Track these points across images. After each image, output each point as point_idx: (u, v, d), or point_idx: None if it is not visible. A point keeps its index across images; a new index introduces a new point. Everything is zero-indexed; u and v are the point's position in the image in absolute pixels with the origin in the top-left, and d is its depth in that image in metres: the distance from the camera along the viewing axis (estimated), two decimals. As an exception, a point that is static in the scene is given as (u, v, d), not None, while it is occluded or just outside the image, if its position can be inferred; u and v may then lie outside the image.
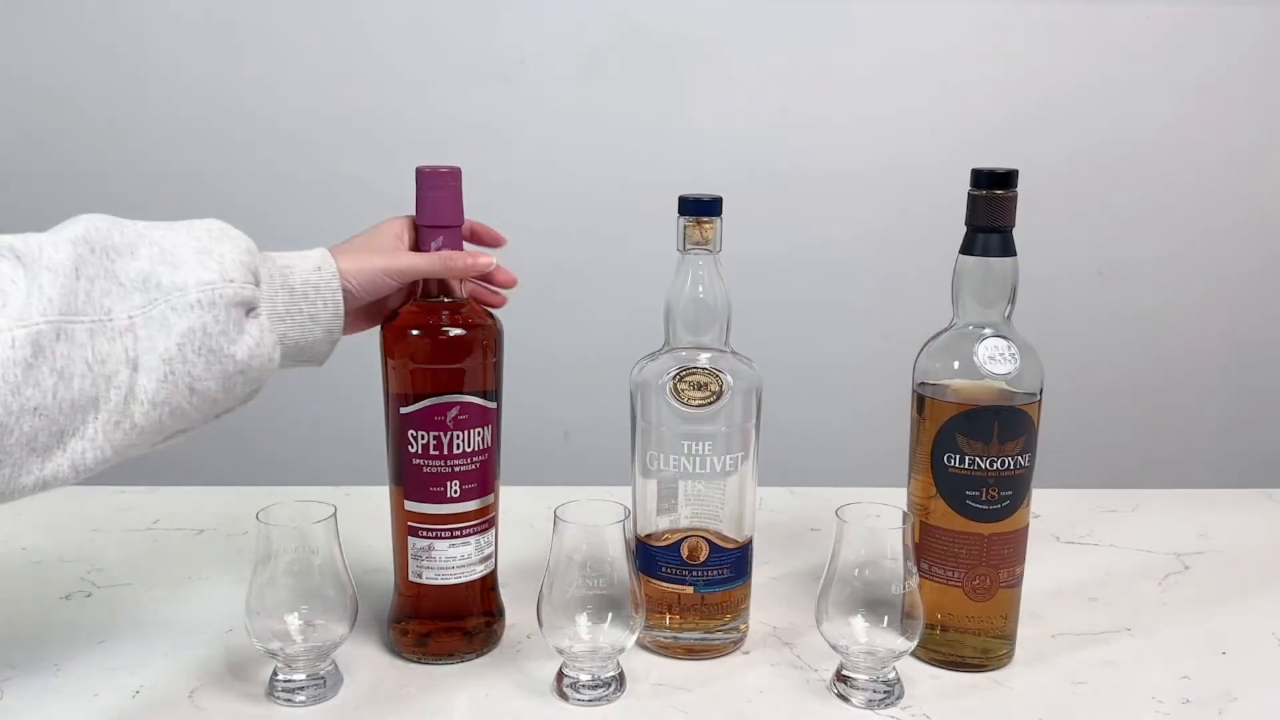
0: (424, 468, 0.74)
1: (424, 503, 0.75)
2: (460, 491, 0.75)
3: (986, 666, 0.77)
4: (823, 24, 1.60)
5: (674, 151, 1.58)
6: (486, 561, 0.78)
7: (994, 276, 0.73)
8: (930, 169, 1.54)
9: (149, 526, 1.02)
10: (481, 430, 0.75)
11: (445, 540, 0.76)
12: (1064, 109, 1.63)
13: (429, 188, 0.74)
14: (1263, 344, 1.75)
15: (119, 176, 1.56)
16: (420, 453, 0.74)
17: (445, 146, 1.53)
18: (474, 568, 0.77)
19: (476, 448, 0.75)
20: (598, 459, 1.21)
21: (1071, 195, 1.65)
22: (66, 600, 0.87)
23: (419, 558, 0.76)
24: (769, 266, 1.65)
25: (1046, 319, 1.61)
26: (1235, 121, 1.66)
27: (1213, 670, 0.78)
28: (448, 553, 0.76)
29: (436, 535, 0.75)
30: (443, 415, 0.73)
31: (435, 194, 0.74)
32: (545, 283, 1.54)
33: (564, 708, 0.71)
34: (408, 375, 0.74)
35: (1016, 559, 0.76)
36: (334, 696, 0.72)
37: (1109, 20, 1.60)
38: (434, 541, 0.75)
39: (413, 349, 0.74)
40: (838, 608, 0.71)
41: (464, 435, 0.74)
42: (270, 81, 1.56)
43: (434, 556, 0.76)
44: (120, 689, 0.73)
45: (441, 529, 0.75)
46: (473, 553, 0.76)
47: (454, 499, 0.75)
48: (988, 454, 0.72)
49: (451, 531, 0.75)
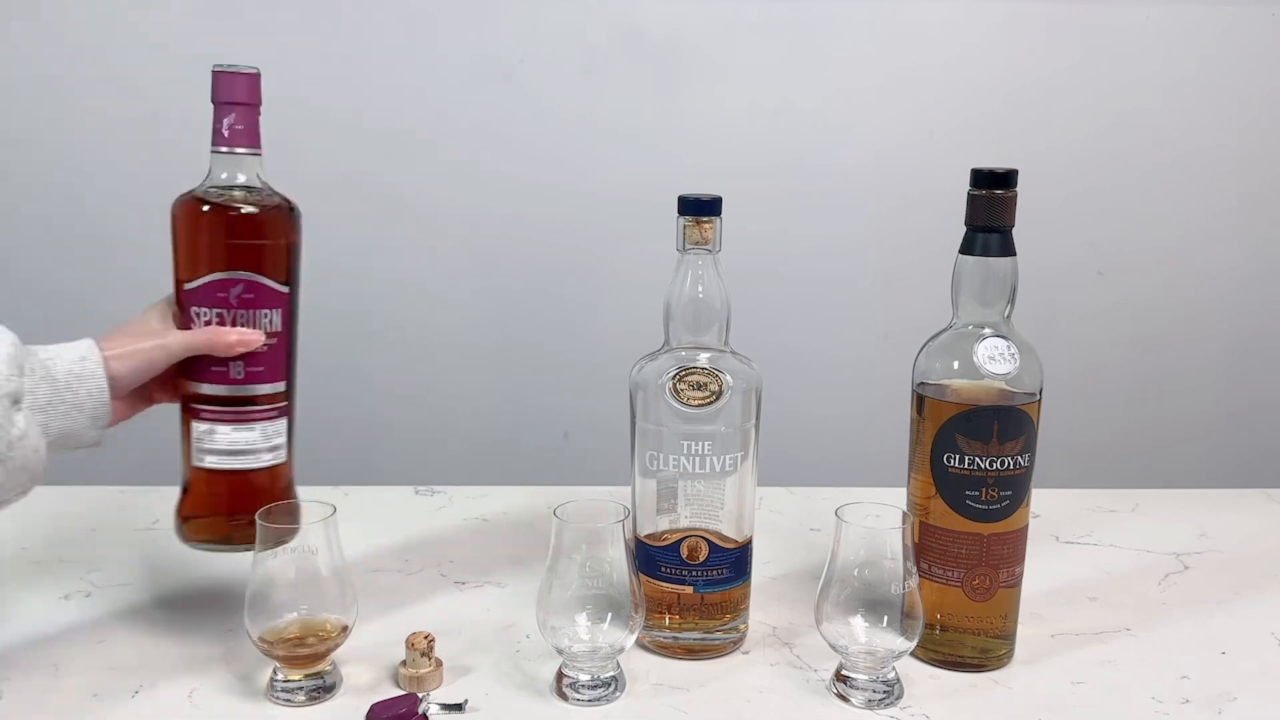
0: None
1: (204, 383, 0.74)
2: (244, 374, 0.74)
3: (986, 666, 0.77)
4: (822, 24, 1.60)
5: (674, 151, 1.58)
6: (275, 451, 0.76)
7: (994, 276, 0.73)
8: (930, 169, 1.54)
9: (149, 526, 1.02)
10: (270, 313, 0.74)
11: (228, 424, 0.74)
12: (1064, 109, 1.63)
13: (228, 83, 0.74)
14: (1263, 343, 1.75)
15: (114, 175, 1.56)
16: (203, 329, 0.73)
17: (445, 146, 1.53)
18: (260, 455, 0.75)
19: (265, 329, 0.74)
20: (598, 459, 1.21)
21: (1071, 195, 1.65)
22: (66, 600, 0.87)
23: (200, 440, 0.75)
24: (769, 266, 1.65)
25: (1046, 319, 1.61)
26: (1235, 121, 1.66)
27: (1213, 670, 0.78)
28: (231, 436, 0.74)
29: (219, 419, 0.74)
30: (225, 292, 0.73)
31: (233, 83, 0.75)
32: (545, 283, 1.54)
33: (564, 708, 0.71)
34: (191, 251, 0.73)
35: (1016, 559, 0.76)
36: (332, 696, 0.72)
37: (1109, 20, 1.60)
38: (215, 425, 0.74)
39: (198, 221, 0.73)
40: (837, 608, 0.71)
41: (249, 315, 0.73)
42: (268, 81, 1.55)
43: (215, 440, 0.75)
44: (120, 689, 0.73)
45: (224, 411, 0.74)
46: (258, 439, 0.75)
47: (237, 380, 0.74)
48: (987, 454, 0.72)
49: (236, 415, 0.74)
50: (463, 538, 0.85)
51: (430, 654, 0.73)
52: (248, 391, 0.74)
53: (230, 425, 0.74)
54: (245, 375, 0.74)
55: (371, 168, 1.52)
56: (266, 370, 0.75)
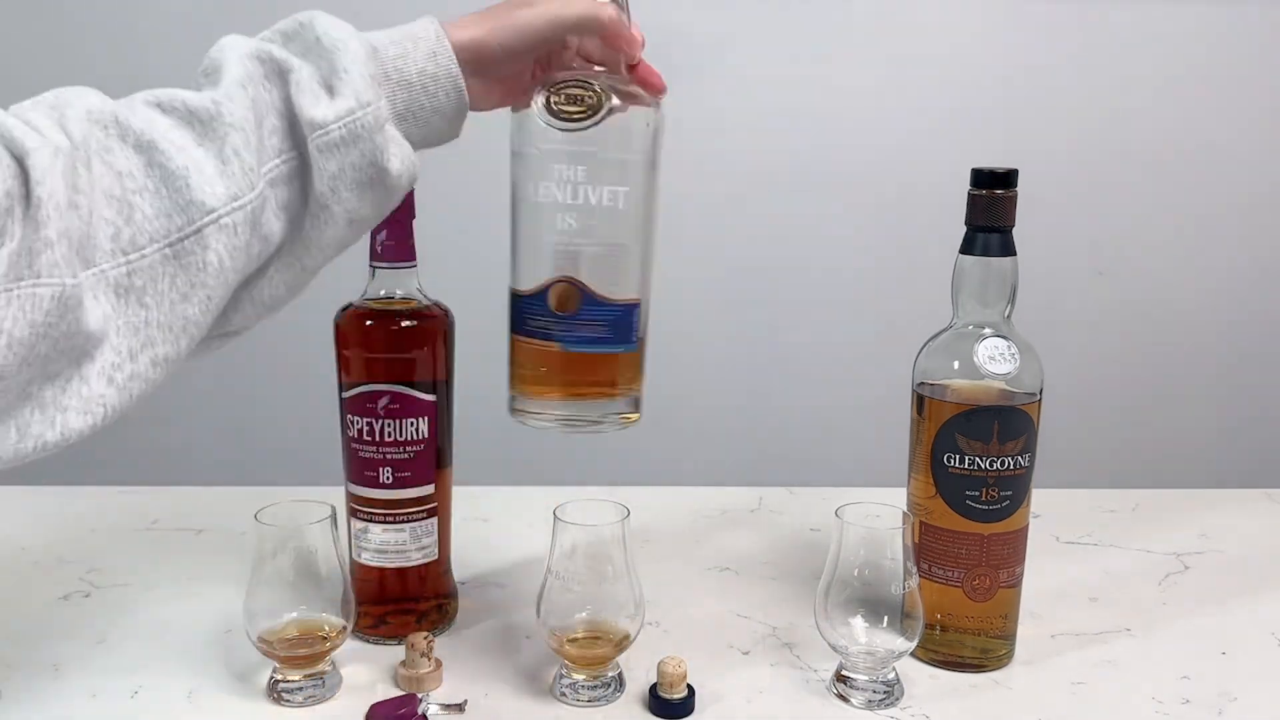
0: (360, 452, 0.77)
1: (360, 485, 0.78)
2: (393, 479, 0.77)
3: (986, 667, 0.77)
4: (823, 24, 1.60)
5: (673, 151, 1.58)
6: (425, 550, 0.79)
7: (994, 276, 0.73)
8: (930, 169, 1.54)
9: (149, 526, 1.02)
10: (416, 421, 0.77)
11: (379, 524, 0.78)
12: (1064, 108, 1.63)
13: None
14: (1263, 344, 1.75)
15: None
16: (356, 437, 0.77)
17: (445, 146, 1.52)
18: (409, 554, 0.79)
19: (411, 438, 0.77)
20: (598, 459, 1.21)
21: (1071, 195, 1.65)
22: (65, 600, 0.86)
23: (358, 538, 0.79)
24: (769, 265, 1.65)
25: (1046, 319, 1.61)
26: (1235, 121, 1.66)
27: (1213, 670, 0.78)
28: (381, 536, 0.78)
29: (371, 519, 0.78)
30: (374, 403, 0.76)
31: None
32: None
33: (564, 708, 0.71)
34: (346, 361, 0.77)
35: (1016, 559, 0.76)
36: (332, 696, 0.72)
37: (1109, 20, 1.60)
38: (369, 524, 0.78)
39: (351, 336, 0.77)
40: (837, 608, 0.71)
41: (395, 424, 0.76)
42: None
43: (369, 539, 0.78)
44: (119, 689, 0.73)
45: (375, 513, 0.78)
46: (407, 540, 0.78)
47: (386, 485, 0.77)
48: (988, 454, 0.72)
49: (385, 516, 0.77)
50: (462, 537, 0.85)
51: (430, 654, 0.73)
52: (396, 496, 0.78)
53: (381, 526, 0.78)
54: (394, 480, 0.77)
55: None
56: (413, 476, 0.78)
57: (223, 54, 0.58)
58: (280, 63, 0.58)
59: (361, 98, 0.58)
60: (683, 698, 0.70)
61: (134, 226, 0.53)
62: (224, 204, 0.54)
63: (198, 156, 0.54)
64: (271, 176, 0.58)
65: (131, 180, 0.53)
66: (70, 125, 0.53)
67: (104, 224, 0.52)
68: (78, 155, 0.52)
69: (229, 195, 0.55)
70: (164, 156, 0.54)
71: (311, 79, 0.58)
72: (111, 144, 0.54)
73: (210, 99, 0.55)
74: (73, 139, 0.52)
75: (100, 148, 0.53)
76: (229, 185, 0.55)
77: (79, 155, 0.52)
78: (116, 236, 0.52)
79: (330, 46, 0.58)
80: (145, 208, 0.53)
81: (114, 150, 0.53)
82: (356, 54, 0.58)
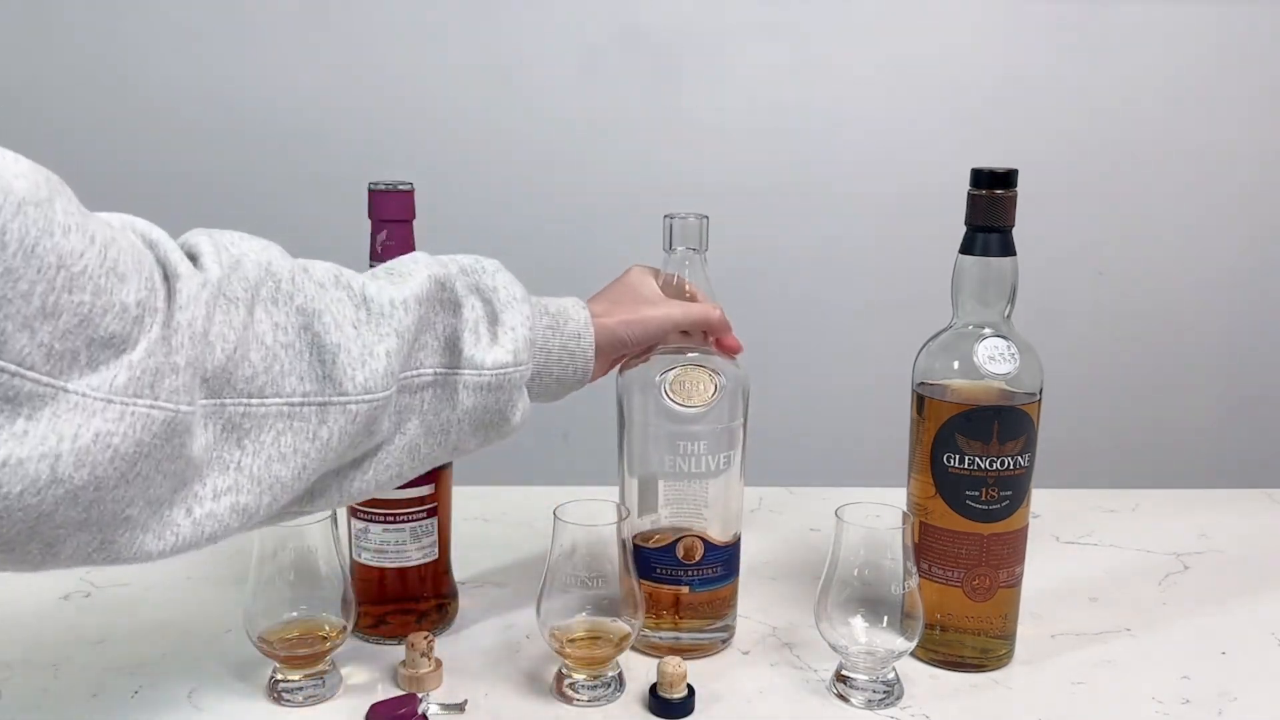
0: None
1: None
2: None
3: (986, 666, 0.77)
4: (823, 24, 1.60)
5: (674, 151, 1.58)
6: (425, 550, 0.80)
7: (994, 276, 0.73)
8: (930, 169, 1.54)
9: (148, 526, 1.02)
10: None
11: (379, 524, 0.78)
12: (1064, 109, 1.63)
13: (380, 201, 0.76)
14: (1262, 344, 1.75)
15: (118, 179, 1.56)
16: None
17: (445, 146, 1.53)
18: (409, 554, 0.79)
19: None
20: (597, 459, 1.20)
21: (1071, 195, 1.65)
22: (65, 600, 0.86)
23: (358, 538, 0.79)
24: (768, 265, 1.65)
25: (1046, 319, 1.61)
26: (1235, 122, 1.66)
27: (1213, 670, 0.78)
28: (381, 536, 0.78)
29: (371, 518, 0.78)
30: None
31: (385, 201, 0.76)
32: (544, 283, 1.53)
33: (564, 708, 0.71)
34: None
35: (1016, 559, 0.76)
36: (332, 696, 0.72)
37: (1109, 20, 1.60)
38: (369, 524, 0.78)
39: None
40: (837, 608, 0.71)
41: None
42: (268, 82, 1.56)
43: (369, 539, 0.78)
44: (119, 689, 0.73)
45: (375, 513, 0.78)
46: (407, 540, 0.79)
47: None
48: (987, 454, 0.72)
49: (385, 516, 0.78)
50: (462, 537, 0.85)
51: (430, 654, 0.73)
52: (396, 496, 0.78)
53: (381, 525, 0.79)
54: None
55: (371, 168, 1.52)
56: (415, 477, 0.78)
57: (415, 266, 0.63)
58: (458, 296, 0.63)
59: (519, 356, 0.65)
60: (683, 698, 0.70)
61: (269, 376, 0.54)
62: (358, 392, 0.57)
63: (350, 338, 0.57)
64: (404, 382, 0.60)
65: (284, 334, 0.55)
66: (247, 268, 0.55)
67: (245, 364, 0.53)
68: (236, 294, 0.53)
69: (364, 386, 0.57)
70: (323, 327, 0.56)
71: (480, 321, 0.64)
72: (280, 298, 0.56)
73: (389, 300, 0.59)
74: (247, 279, 0.54)
75: (269, 297, 0.55)
76: (369, 378, 0.57)
77: (241, 296, 0.54)
78: (251, 380, 0.53)
79: (505, 301, 0.65)
80: (286, 363, 0.55)
81: (280, 304, 0.56)
82: (524, 315, 0.66)
